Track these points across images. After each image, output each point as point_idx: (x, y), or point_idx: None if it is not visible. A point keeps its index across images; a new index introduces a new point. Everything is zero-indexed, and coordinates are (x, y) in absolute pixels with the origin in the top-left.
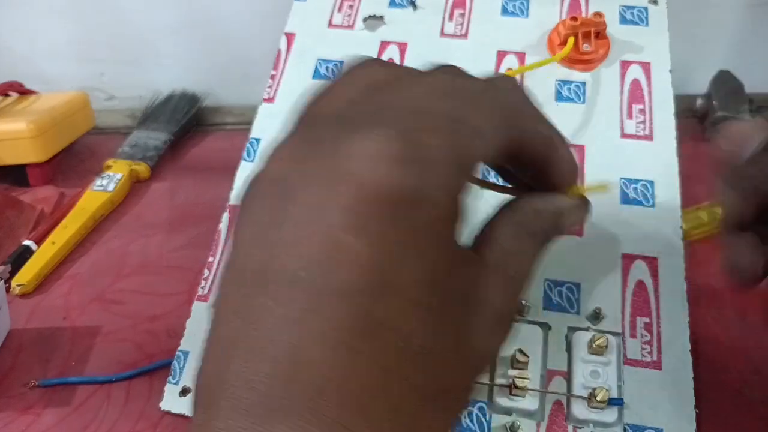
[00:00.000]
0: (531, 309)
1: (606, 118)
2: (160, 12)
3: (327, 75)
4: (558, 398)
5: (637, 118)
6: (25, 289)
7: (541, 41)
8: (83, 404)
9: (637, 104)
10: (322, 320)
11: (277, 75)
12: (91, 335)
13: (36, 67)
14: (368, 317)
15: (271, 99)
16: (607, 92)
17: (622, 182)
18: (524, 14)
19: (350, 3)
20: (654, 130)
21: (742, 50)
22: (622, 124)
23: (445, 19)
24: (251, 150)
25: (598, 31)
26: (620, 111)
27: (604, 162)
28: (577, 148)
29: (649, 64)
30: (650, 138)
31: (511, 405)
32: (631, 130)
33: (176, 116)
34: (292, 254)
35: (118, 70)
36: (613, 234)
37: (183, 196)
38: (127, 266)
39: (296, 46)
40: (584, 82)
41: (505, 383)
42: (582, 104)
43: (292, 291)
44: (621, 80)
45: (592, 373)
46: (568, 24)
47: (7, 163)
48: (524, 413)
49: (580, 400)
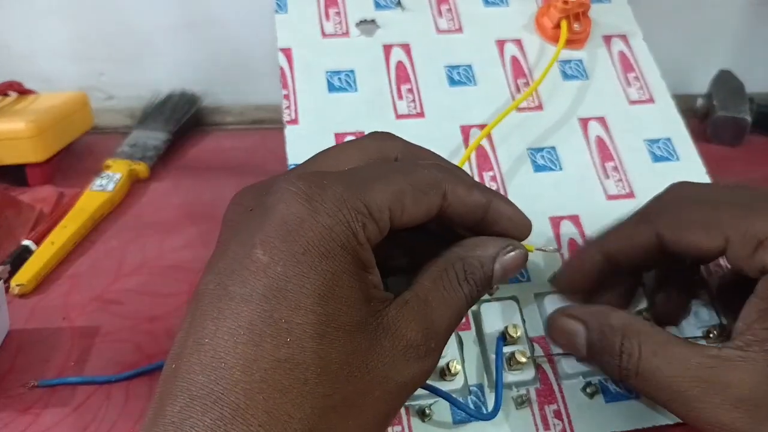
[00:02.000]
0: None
1: (610, 89)
2: (159, 12)
3: (342, 86)
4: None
5: (635, 84)
6: (24, 289)
7: (529, 26)
8: (82, 404)
9: (630, 72)
10: (231, 318)
11: (290, 94)
12: (91, 335)
13: (35, 66)
14: (268, 318)
15: (294, 120)
16: (602, 66)
17: (646, 144)
18: (504, 3)
19: (336, 10)
20: (653, 94)
21: (743, 50)
22: (625, 92)
23: (435, 16)
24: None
25: (583, 11)
26: (619, 81)
27: (625, 128)
28: (599, 119)
29: (625, 36)
30: (652, 101)
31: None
32: (635, 97)
33: (175, 116)
34: (219, 268)
35: (117, 69)
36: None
37: (182, 196)
38: (127, 266)
39: (298, 61)
40: (581, 60)
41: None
42: (587, 80)
43: (217, 298)
44: (609, 54)
45: None
46: (560, 7)
47: (6, 163)
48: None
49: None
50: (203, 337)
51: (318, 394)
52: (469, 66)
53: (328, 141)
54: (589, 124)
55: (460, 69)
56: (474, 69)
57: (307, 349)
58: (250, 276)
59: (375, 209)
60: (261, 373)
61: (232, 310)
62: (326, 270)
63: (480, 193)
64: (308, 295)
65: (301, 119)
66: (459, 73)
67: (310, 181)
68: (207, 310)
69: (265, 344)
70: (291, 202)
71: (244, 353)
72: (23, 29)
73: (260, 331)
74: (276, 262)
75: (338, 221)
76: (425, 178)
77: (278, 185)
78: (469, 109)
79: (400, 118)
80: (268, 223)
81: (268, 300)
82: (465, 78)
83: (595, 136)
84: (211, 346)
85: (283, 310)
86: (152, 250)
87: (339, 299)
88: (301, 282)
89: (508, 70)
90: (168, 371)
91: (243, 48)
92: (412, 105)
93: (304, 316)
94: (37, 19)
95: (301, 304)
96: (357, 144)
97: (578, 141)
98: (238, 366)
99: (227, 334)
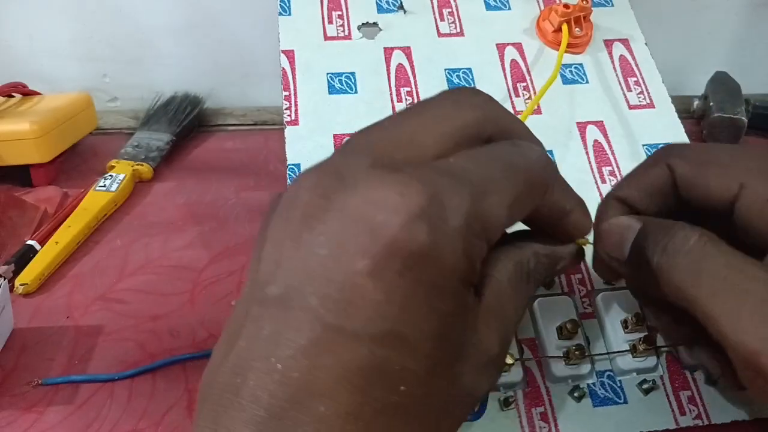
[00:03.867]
0: None
1: (611, 93)
2: (162, 13)
3: (342, 88)
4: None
5: (635, 89)
6: (28, 289)
7: (530, 30)
8: (86, 403)
9: (631, 77)
10: (333, 357)
11: (290, 95)
12: (94, 334)
13: (39, 67)
14: (375, 362)
15: (294, 121)
16: (603, 70)
17: (645, 149)
18: (507, 7)
19: (339, 13)
20: (653, 99)
21: (740, 51)
22: (625, 97)
23: (436, 19)
24: (294, 177)
25: (585, 15)
26: (620, 86)
27: (623, 132)
28: (597, 124)
29: (627, 40)
30: (652, 106)
31: (635, 366)
32: (635, 102)
33: (178, 117)
34: (313, 287)
35: (121, 71)
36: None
37: (185, 197)
38: (130, 266)
39: (300, 63)
40: (582, 64)
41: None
42: (587, 84)
43: (312, 325)
44: (610, 58)
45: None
46: (561, 11)
47: (11, 164)
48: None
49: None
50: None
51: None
52: (469, 69)
53: (327, 142)
54: (587, 129)
55: (460, 72)
56: (474, 72)
57: (417, 396)
58: (357, 312)
59: (493, 231)
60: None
61: (341, 348)
62: (445, 312)
63: (569, 199)
64: (426, 339)
65: (301, 120)
66: (459, 76)
67: (427, 194)
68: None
69: (375, 391)
70: (409, 224)
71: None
72: (27, 30)
73: (369, 376)
74: (392, 302)
75: (462, 256)
76: (537, 177)
77: (384, 190)
78: None
79: None
80: (375, 243)
81: (382, 344)
82: (465, 81)
83: (592, 140)
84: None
85: (397, 356)
86: (155, 250)
87: (452, 339)
88: (420, 326)
89: (508, 73)
90: (226, 381)
91: (246, 50)
92: None
93: (418, 362)
94: (42, 21)
95: (419, 350)
96: (439, 112)
97: (576, 145)
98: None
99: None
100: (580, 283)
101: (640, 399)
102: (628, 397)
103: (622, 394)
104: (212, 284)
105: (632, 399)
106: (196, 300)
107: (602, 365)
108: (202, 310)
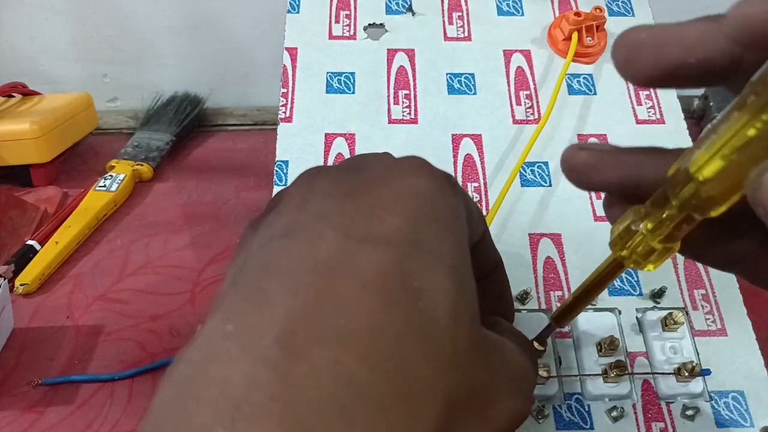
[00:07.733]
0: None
1: (619, 106)
2: (162, 14)
3: (340, 88)
4: (645, 378)
5: (646, 104)
6: (28, 289)
7: (541, 37)
8: (86, 402)
9: (643, 90)
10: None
11: (288, 92)
12: (94, 334)
13: (40, 68)
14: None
15: (288, 119)
16: (614, 82)
17: None
18: (519, 12)
19: (347, 12)
20: (664, 114)
21: None
22: (634, 111)
23: (445, 22)
24: (281, 174)
25: (598, 24)
26: (629, 99)
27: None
28: (600, 137)
29: None
30: (662, 122)
31: (606, 392)
32: (644, 116)
33: (178, 117)
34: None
35: (121, 71)
36: None
37: (185, 197)
38: (130, 266)
39: (301, 61)
40: (591, 74)
41: (597, 372)
42: (594, 95)
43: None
44: None
45: (671, 348)
46: (572, 19)
47: (11, 164)
48: (618, 397)
49: (665, 376)
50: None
51: (451, 383)
52: (472, 75)
53: (318, 140)
54: (589, 142)
55: (462, 77)
56: (476, 78)
57: (441, 321)
58: (375, 227)
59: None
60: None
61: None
62: (457, 241)
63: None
64: (445, 255)
65: (295, 117)
66: (460, 82)
67: (429, 166)
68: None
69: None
70: (418, 174)
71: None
72: (28, 31)
73: (391, 288)
74: (408, 222)
75: (461, 201)
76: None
77: (405, 162)
78: (463, 118)
79: (393, 122)
80: (388, 188)
81: (400, 250)
82: (465, 87)
83: None
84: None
85: (418, 266)
86: (155, 250)
87: (468, 276)
88: (438, 244)
89: (512, 80)
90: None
91: (245, 51)
92: (407, 111)
93: (440, 281)
94: (42, 21)
95: (438, 265)
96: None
97: None
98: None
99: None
100: (559, 300)
101: (607, 426)
102: (595, 423)
103: (589, 419)
104: (212, 284)
105: (599, 425)
106: (196, 300)
107: (572, 387)
108: (202, 310)
